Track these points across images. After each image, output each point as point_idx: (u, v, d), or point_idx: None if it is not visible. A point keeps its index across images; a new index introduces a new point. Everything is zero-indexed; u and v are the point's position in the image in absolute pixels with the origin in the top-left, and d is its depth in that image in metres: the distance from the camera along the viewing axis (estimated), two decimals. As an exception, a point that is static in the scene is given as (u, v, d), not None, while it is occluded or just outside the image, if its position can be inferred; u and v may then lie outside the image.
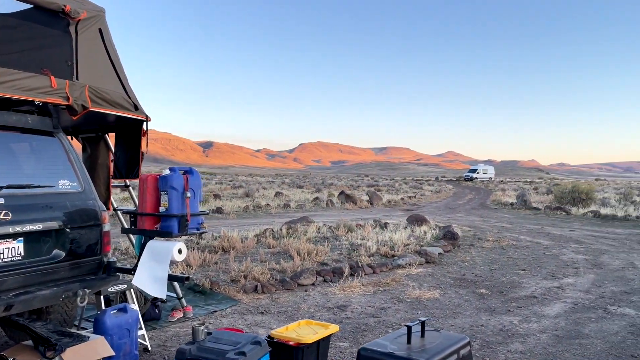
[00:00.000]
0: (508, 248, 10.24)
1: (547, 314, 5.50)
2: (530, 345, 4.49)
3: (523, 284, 7.01)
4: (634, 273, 7.82)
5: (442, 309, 5.70)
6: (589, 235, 12.62)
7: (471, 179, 61.62)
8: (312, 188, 36.62)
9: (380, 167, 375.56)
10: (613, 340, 4.64)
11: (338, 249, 9.28)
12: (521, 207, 22.37)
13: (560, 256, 9.35)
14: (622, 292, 6.54)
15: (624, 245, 10.85)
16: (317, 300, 6.01)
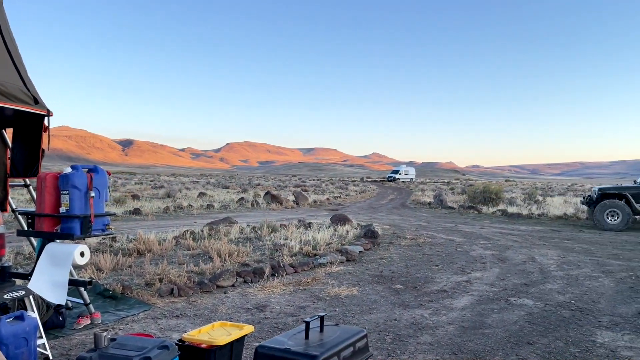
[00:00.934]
0: (424, 245, 10.73)
1: (455, 307, 5.83)
2: (438, 337, 4.74)
3: (435, 279, 7.38)
4: (534, 266, 8.50)
5: (359, 305, 5.85)
6: (496, 232, 13.55)
7: (394, 179, 63.88)
8: (238, 188, 36.11)
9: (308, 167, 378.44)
10: (512, 329, 5.02)
11: (260, 249, 9.23)
12: (438, 206, 23.54)
13: (470, 252, 9.95)
14: (522, 285, 7.08)
15: (527, 241, 11.77)
16: (236, 301, 5.93)
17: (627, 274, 7.90)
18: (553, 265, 8.59)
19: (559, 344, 4.58)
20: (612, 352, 4.38)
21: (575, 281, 7.35)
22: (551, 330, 5.02)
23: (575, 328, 5.08)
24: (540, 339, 4.72)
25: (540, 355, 4.31)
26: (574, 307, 5.91)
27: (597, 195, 15.27)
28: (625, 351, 4.42)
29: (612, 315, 5.56)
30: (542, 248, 10.69)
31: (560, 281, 7.34)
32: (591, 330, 5.00)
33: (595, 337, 4.81)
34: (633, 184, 15.76)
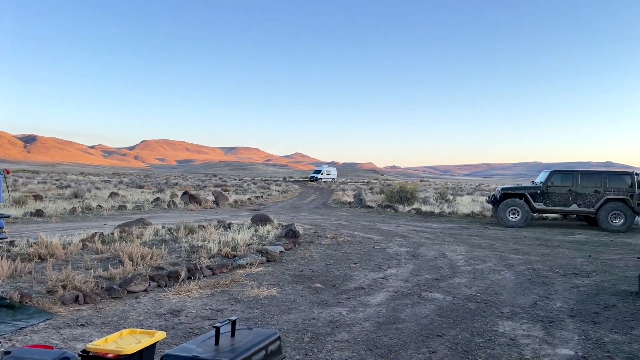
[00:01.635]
0: (344, 244, 10.94)
1: (372, 303, 6.00)
2: (355, 333, 4.85)
3: (354, 276, 7.55)
4: (444, 262, 8.98)
5: (278, 305, 5.82)
6: (411, 230, 14.16)
7: (316, 179, 64.58)
8: (154, 188, 34.57)
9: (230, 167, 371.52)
10: (424, 323, 5.26)
11: (177, 251, 8.89)
12: (358, 205, 24.15)
13: (387, 249, 10.31)
14: (433, 279, 7.45)
15: (438, 238, 12.42)
16: (148, 307, 5.66)
17: (525, 267, 8.60)
18: (461, 261, 9.14)
19: (465, 335, 4.87)
20: (512, 341, 4.73)
21: (481, 275, 7.87)
22: (459, 322, 5.32)
23: (480, 319, 5.42)
24: (449, 331, 4.98)
25: (448, 346, 4.55)
26: (479, 299, 6.31)
27: (500, 195, 16.48)
28: (523, 339, 4.80)
29: (512, 306, 6.01)
30: (452, 244, 11.33)
31: (467, 275, 7.81)
32: (494, 321, 5.37)
33: (498, 327, 5.17)
34: (531, 184, 17.20)
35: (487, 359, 4.25)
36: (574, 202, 15.62)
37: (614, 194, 15.21)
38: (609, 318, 5.54)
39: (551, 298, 6.46)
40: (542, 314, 5.69)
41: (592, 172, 15.98)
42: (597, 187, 15.43)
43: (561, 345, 4.63)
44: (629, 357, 4.32)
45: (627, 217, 15.02)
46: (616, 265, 8.95)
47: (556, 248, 11.17)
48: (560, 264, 8.99)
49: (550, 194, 15.86)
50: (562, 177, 16.01)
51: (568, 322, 5.37)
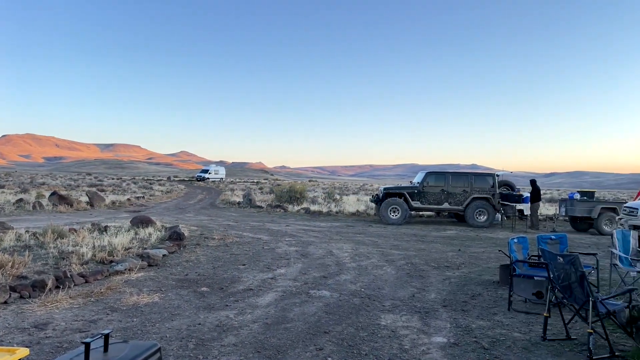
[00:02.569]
0: (232, 245, 10.72)
1: (260, 304, 5.94)
2: (243, 336, 4.75)
3: (242, 278, 7.42)
4: (332, 260, 9.23)
5: (160, 312, 5.50)
6: (300, 230, 14.35)
7: (203, 179, 62.65)
8: (17, 188, 30.82)
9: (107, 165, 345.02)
10: (311, 321, 5.32)
11: (43, 258, 8.00)
12: (247, 206, 23.89)
13: (276, 249, 10.31)
14: (321, 277, 7.61)
15: (326, 237, 12.75)
16: (9, 321, 4.99)
17: (404, 262, 9.17)
18: (347, 258, 9.46)
19: (350, 330, 5.03)
20: (393, 333, 4.99)
21: (365, 271, 8.22)
22: (344, 317, 5.48)
23: (364, 314, 5.65)
24: (335, 327, 5.11)
25: (334, 342, 4.66)
26: (364, 294, 6.58)
27: (382, 194, 17.43)
28: (403, 330, 5.08)
29: (393, 299, 6.35)
30: (339, 242, 11.70)
31: (353, 272, 8.11)
32: (377, 315, 5.62)
33: (380, 320, 5.42)
34: (410, 184, 18.44)
35: (370, 352, 4.43)
36: (446, 200, 17.06)
37: (479, 193, 16.91)
38: (476, 306, 6.11)
39: (427, 290, 6.95)
40: (419, 305, 6.09)
41: (461, 174, 17.61)
42: (465, 187, 17.03)
43: (436, 334, 4.99)
44: (492, 341, 4.79)
45: (489, 214, 16.79)
46: (481, 258, 9.93)
47: (431, 243, 12.08)
48: (434, 258, 9.73)
49: (426, 194, 17.14)
50: (436, 177, 17.40)
51: (441, 312, 5.81)
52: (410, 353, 4.42)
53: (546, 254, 5.20)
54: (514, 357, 4.37)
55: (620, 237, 7.57)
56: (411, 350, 4.50)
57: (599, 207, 15.91)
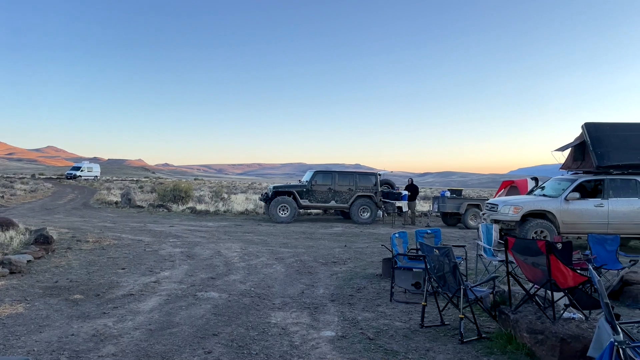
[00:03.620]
0: (109, 248, 9.95)
1: (143, 310, 5.58)
2: (123, 345, 4.42)
3: (122, 283, 6.91)
4: (220, 260, 9.00)
5: (26, 324, 4.91)
6: (186, 230, 13.80)
7: (75, 177, 57.38)
8: None
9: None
10: (199, 324, 5.13)
11: None
12: (126, 205, 22.37)
13: (160, 251, 9.79)
14: (209, 279, 7.38)
15: (214, 237, 12.42)
16: None
17: (294, 260, 9.27)
18: (236, 257, 9.31)
19: (241, 330, 4.94)
20: (284, 330, 5.01)
21: (255, 270, 8.15)
22: (234, 318, 5.37)
23: (254, 313, 5.59)
24: (224, 329, 4.98)
25: (224, 344, 4.55)
26: (254, 293, 6.52)
27: (271, 193, 17.46)
28: (293, 327, 5.13)
29: (283, 297, 6.38)
30: (227, 242, 11.47)
31: (242, 271, 7.99)
32: (267, 313, 5.60)
33: (271, 318, 5.41)
34: (298, 183, 18.72)
35: (261, 350, 4.39)
36: (333, 199, 17.62)
37: (363, 192, 17.74)
38: (361, 299, 6.39)
39: (316, 286, 7.10)
40: (308, 301, 6.19)
41: (346, 173, 18.31)
42: (351, 186, 17.75)
43: (325, 328, 5.11)
44: (377, 331, 5.04)
45: (372, 211, 17.69)
46: (365, 253, 10.41)
47: (319, 240, 12.39)
48: (322, 254, 9.98)
49: (314, 192, 17.54)
50: (324, 176, 17.88)
51: (330, 307, 5.97)
52: (300, 349, 4.47)
53: (424, 247, 5.60)
54: (396, 345, 4.64)
55: (485, 230, 8.44)
56: (301, 346, 4.55)
57: (466, 204, 17.59)
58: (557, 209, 11.21)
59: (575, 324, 4.36)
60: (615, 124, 12.22)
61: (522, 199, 12.24)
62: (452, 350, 4.52)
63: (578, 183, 11.51)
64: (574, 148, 12.83)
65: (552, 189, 12.16)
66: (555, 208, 11.23)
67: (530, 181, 16.03)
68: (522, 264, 5.05)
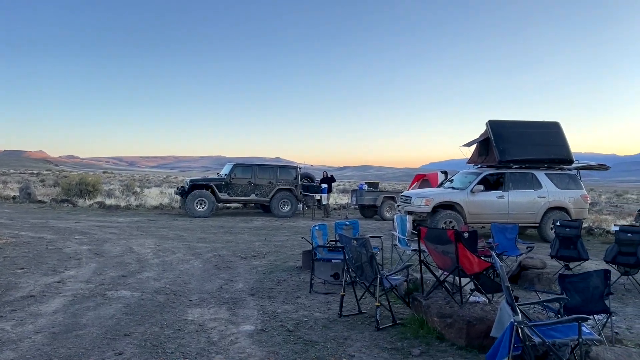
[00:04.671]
0: (6, 247, 9.08)
1: (45, 312, 5.15)
2: (23, 350, 4.05)
3: (21, 284, 6.33)
4: (132, 257, 8.56)
5: None
6: (94, 226, 12.95)
7: (-37, 169, 51.68)
8: None
9: None
10: (109, 324, 4.84)
11: None
12: (25, 200, 20.53)
13: (64, 249, 9.10)
14: (120, 277, 6.98)
15: (125, 233, 11.77)
16: None
17: (212, 255, 9.05)
18: (150, 254, 8.90)
19: (155, 329, 4.73)
20: (201, 326, 4.87)
21: (170, 266, 7.85)
22: (147, 317, 5.13)
23: (169, 311, 5.38)
24: (137, 329, 4.75)
25: (136, 344, 4.33)
26: (169, 290, 6.27)
27: (188, 186, 16.89)
28: (211, 323, 5.00)
29: (200, 293, 6.21)
30: (140, 238, 10.94)
31: (156, 268, 7.66)
32: (184, 310, 5.42)
33: (187, 315, 5.24)
34: (217, 176, 18.29)
35: (177, 349, 4.24)
36: (253, 192, 17.43)
37: (283, 185, 17.73)
38: (281, 292, 6.39)
39: (235, 280, 6.99)
40: (227, 296, 6.08)
41: (267, 166, 18.20)
42: (271, 179, 17.66)
43: (244, 322, 5.05)
44: (296, 323, 5.07)
45: (292, 204, 17.75)
46: (285, 246, 10.43)
47: (238, 234, 12.21)
48: (242, 249, 9.85)
49: (233, 185, 17.23)
50: (243, 169, 17.62)
51: (249, 301, 5.91)
52: (218, 345, 4.37)
53: (343, 239, 5.72)
54: (315, 335, 4.70)
55: (399, 221, 8.81)
56: (219, 341, 4.46)
57: (382, 196, 18.23)
58: (464, 200, 11.98)
59: (480, 307, 4.69)
60: (516, 122, 13.27)
61: (433, 191, 12.93)
62: (369, 337, 4.67)
63: (482, 176, 12.37)
64: (479, 144, 13.76)
65: (459, 181, 12.96)
66: (462, 200, 11.98)
67: (440, 175, 16.97)
68: (433, 252, 5.32)
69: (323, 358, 4.14)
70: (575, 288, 4.29)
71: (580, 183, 12.84)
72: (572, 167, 12.99)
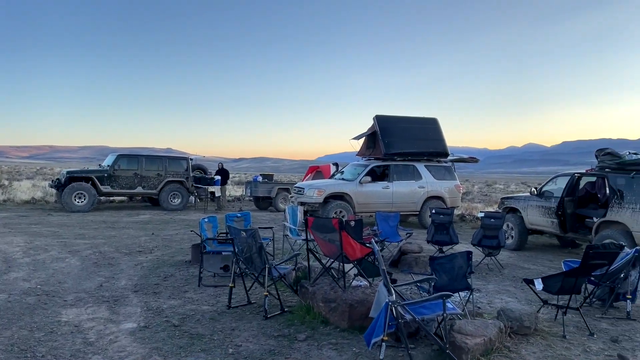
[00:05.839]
0: None
1: None
2: None
3: None
4: (-4, 257, 7.70)
5: None
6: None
7: None
8: None
9: None
10: (-34, 332, 4.34)
11: None
12: None
13: None
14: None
15: (-12, 230, 10.52)
16: None
17: (92, 251, 8.46)
18: (19, 253, 8.08)
19: (23, 333, 4.35)
20: (77, 327, 4.56)
21: (42, 265, 7.20)
22: (15, 320, 4.69)
23: (40, 312, 4.96)
24: (3, 332, 4.32)
25: (2, 349, 3.95)
26: (40, 291, 5.77)
27: (65, 179, 15.53)
28: (88, 323, 4.71)
29: (77, 292, 5.79)
30: (8, 236, 9.86)
31: (26, 268, 6.99)
32: (57, 311, 5.03)
33: (61, 316, 4.87)
34: (99, 168, 17.04)
35: (48, 352, 3.94)
36: (140, 184, 16.52)
37: (173, 177, 17.05)
38: (168, 287, 6.19)
39: (117, 278, 6.62)
40: (107, 294, 5.75)
41: (155, 157, 17.35)
42: (160, 171, 16.88)
43: (125, 320, 4.83)
44: (183, 317, 4.96)
45: (183, 197, 17.16)
46: (174, 240, 10.08)
47: (123, 229, 11.53)
48: (126, 244, 9.33)
49: (117, 177, 16.17)
50: (129, 161, 16.62)
51: (132, 298, 5.65)
52: (96, 345, 4.14)
53: (232, 230, 5.70)
54: (202, 328, 4.65)
55: (291, 212, 8.98)
56: (97, 342, 4.22)
57: (277, 188, 18.36)
58: (353, 191, 12.53)
59: (362, 290, 4.98)
60: (400, 117, 14.16)
61: (325, 182, 13.34)
62: (257, 326, 4.73)
63: (370, 168, 13.03)
64: (367, 137, 14.45)
65: (349, 173, 13.52)
66: (352, 190, 12.53)
67: (332, 166, 17.56)
68: (320, 240, 5.53)
69: (209, 350, 4.12)
70: (443, 269, 4.75)
71: (454, 174, 14.10)
72: (448, 159, 14.21)
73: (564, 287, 4.77)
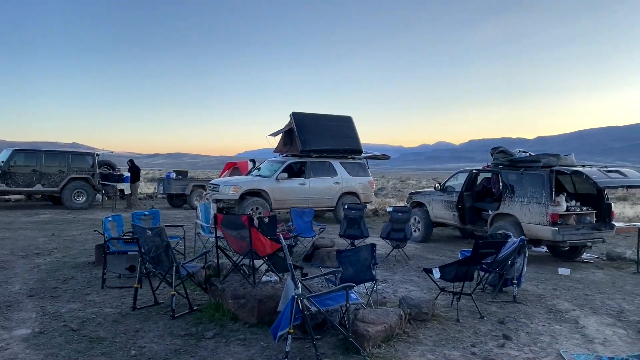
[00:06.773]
0: None
1: None
2: None
3: None
4: None
5: None
6: None
7: None
8: None
9: None
10: None
11: None
12: None
13: None
14: None
15: None
16: None
17: (-20, 255, 7.73)
18: None
19: None
20: (-42, 338, 4.18)
21: None
22: None
23: None
24: None
25: None
26: None
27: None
28: (-28, 332, 4.33)
29: (-39, 300, 5.29)
30: None
31: None
32: None
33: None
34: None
35: None
36: (39, 182, 15.31)
37: (77, 174, 15.98)
38: (68, 290, 5.84)
39: (10, 282, 6.13)
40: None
41: (56, 152, 16.16)
42: (62, 167, 15.74)
43: (18, 327, 4.50)
44: (82, 321, 4.71)
45: (88, 195, 16.15)
46: (77, 240, 9.49)
47: (19, 230, 10.65)
48: (22, 246, 8.65)
49: (13, 174, 14.88)
50: (26, 156, 15.35)
51: (27, 303, 5.27)
52: (-19, 356, 3.83)
53: (137, 229, 5.51)
54: (103, 331, 4.46)
55: (203, 209, 8.83)
56: (-17, 352, 3.90)
57: (191, 185, 17.87)
58: (270, 187, 12.56)
59: (271, 285, 5.05)
60: (316, 115, 14.39)
61: (241, 179, 13.23)
62: (163, 326, 4.63)
63: (286, 165, 13.12)
64: (284, 134, 14.53)
65: (267, 169, 13.52)
66: (268, 187, 12.55)
67: (250, 163, 17.43)
68: (229, 237, 5.51)
69: (110, 353, 3.96)
70: (349, 261, 4.95)
71: (368, 170, 14.61)
72: (362, 156, 14.69)
73: (457, 275, 5.17)
